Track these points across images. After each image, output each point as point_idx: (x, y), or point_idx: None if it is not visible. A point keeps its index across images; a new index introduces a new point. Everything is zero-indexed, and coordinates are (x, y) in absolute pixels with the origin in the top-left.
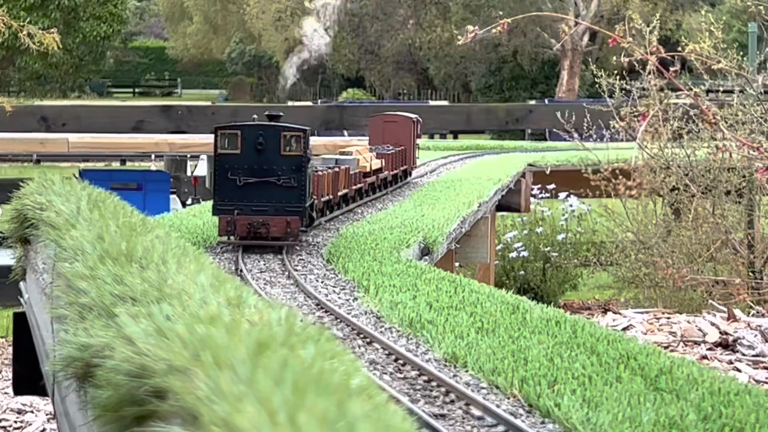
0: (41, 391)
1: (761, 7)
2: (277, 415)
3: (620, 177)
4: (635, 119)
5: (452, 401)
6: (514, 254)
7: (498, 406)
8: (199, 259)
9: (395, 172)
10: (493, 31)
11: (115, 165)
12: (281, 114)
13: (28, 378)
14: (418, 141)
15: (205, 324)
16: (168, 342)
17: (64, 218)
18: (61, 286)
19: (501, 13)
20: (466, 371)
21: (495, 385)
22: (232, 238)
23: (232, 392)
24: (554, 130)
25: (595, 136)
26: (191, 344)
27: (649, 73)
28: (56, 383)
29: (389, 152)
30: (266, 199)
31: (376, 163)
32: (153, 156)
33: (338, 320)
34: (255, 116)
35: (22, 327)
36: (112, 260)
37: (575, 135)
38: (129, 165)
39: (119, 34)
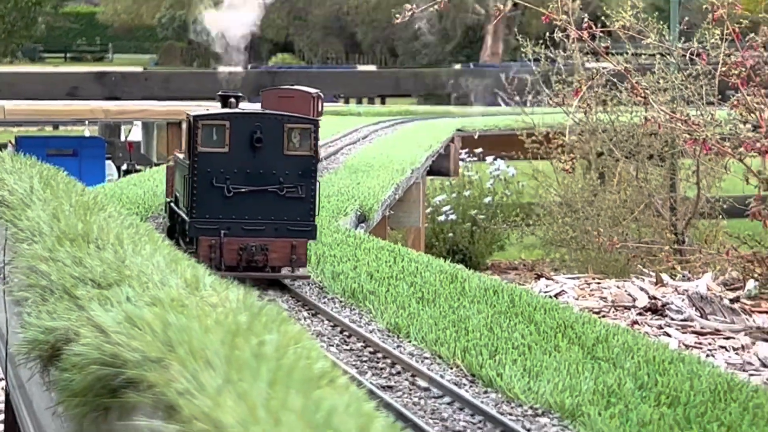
0: None
1: None
2: (258, 411)
3: (552, 141)
4: (566, 92)
5: (398, 372)
6: (442, 217)
7: (442, 377)
8: (152, 238)
9: None
10: (432, 8)
11: (48, 130)
12: (240, 95)
13: None
14: (321, 119)
15: (172, 310)
16: (140, 332)
17: (19, 197)
18: (20, 267)
19: None
20: (410, 342)
21: (438, 355)
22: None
23: (211, 386)
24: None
25: (527, 100)
26: (163, 334)
27: (573, 41)
28: (11, 359)
29: None
30: (263, 215)
31: None
32: (87, 121)
33: (284, 291)
34: (219, 93)
35: None
36: (69, 241)
37: (513, 100)
38: (62, 130)
39: (50, 0)
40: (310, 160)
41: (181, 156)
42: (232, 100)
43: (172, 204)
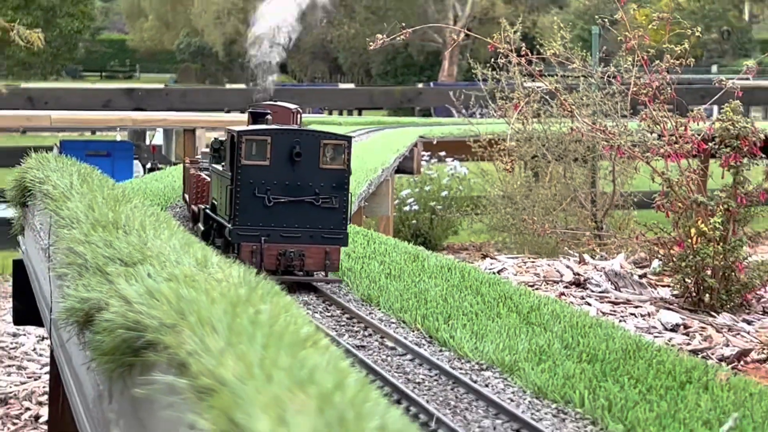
0: (36, 322)
1: (602, 17)
2: (253, 368)
3: (494, 146)
4: (508, 107)
5: (370, 335)
6: (407, 208)
7: (406, 338)
8: (170, 224)
9: None
10: (398, 38)
11: (87, 135)
12: (267, 112)
13: (25, 311)
14: None
15: (184, 284)
16: (158, 302)
17: (60, 191)
18: (61, 249)
19: (395, 17)
20: (380, 310)
21: (402, 320)
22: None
23: (215, 348)
24: (441, 108)
25: (475, 112)
26: (176, 304)
27: (515, 65)
28: (54, 323)
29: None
30: (300, 224)
31: None
32: (118, 128)
33: None
34: (250, 111)
35: (20, 271)
36: (101, 227)
37: (463, 111)
38: (98, 135)
39: (89, 29)
40: (343, 173)
41: (219, 167)
42: (269, 117)
43: (207, 211)
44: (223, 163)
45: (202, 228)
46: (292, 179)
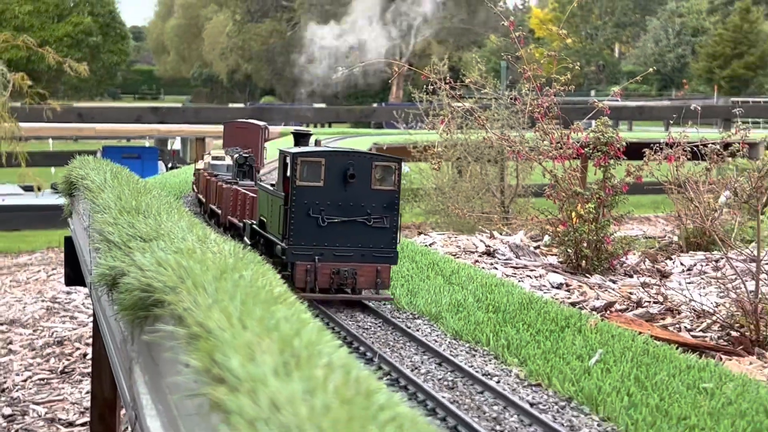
0: (82, 284)
1: (507, 53)
2: (232, 319)
3: (427, 150)
4: (437, 121)
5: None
6: None
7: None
8: (180, 210)
9: None
10: (355, 70)
11: (123, 142)
12: (311, 132)
13: (73, 276)
14: (266, 145)
15: (186, 256)
16: (164, 270)
17: (97, 185)
18: (96, 229)
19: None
20: None
21: None
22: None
23: (205, 304)
24: (390, 122)
25: (414, 125)
26: (178, 271)
27: (443, 90)
28: (92, 285)
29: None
30: (352, 243)
31: None
32: (147, 137)
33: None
34: (293, 132)
35: (69, 246)
36: (126, 213)
37: (403, 125)
38: (132, 142)
39: (125, 62)
40: (393, 194)
41: (269, 186)
42: (319, 139)
43: (254, 226)
44: (273, 183)
45: (249, 242)
46: (345, 200)
